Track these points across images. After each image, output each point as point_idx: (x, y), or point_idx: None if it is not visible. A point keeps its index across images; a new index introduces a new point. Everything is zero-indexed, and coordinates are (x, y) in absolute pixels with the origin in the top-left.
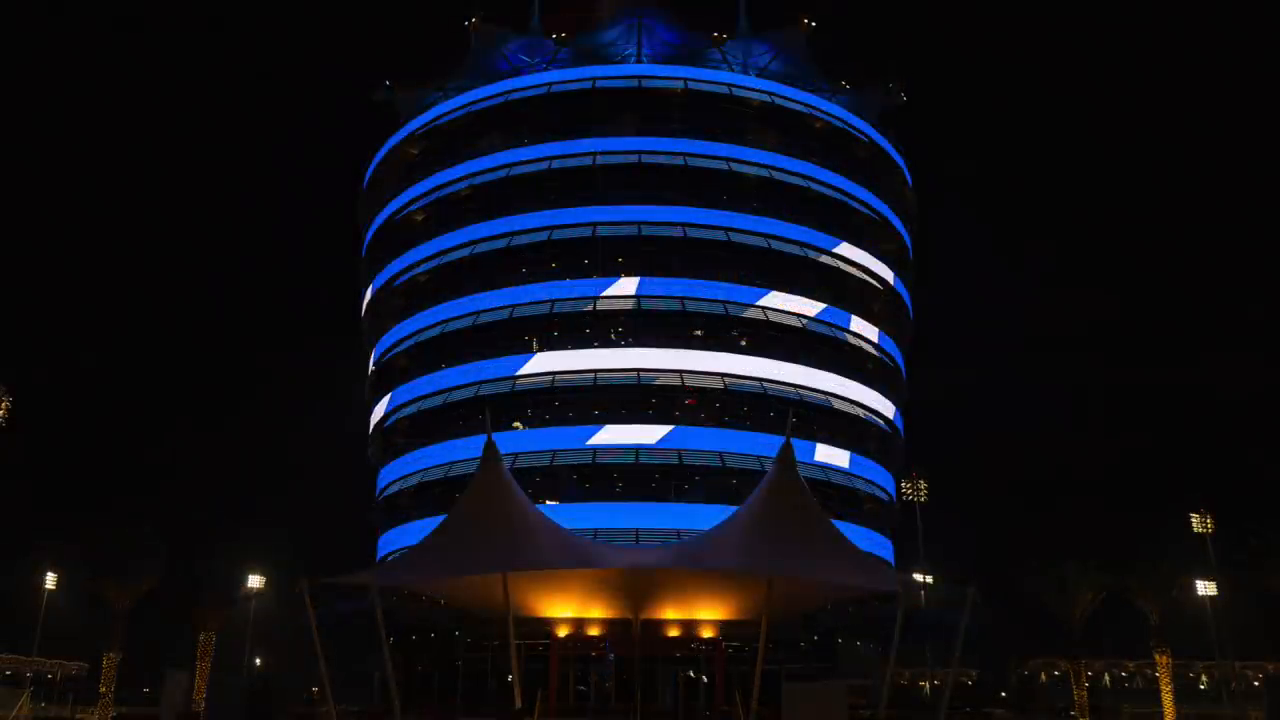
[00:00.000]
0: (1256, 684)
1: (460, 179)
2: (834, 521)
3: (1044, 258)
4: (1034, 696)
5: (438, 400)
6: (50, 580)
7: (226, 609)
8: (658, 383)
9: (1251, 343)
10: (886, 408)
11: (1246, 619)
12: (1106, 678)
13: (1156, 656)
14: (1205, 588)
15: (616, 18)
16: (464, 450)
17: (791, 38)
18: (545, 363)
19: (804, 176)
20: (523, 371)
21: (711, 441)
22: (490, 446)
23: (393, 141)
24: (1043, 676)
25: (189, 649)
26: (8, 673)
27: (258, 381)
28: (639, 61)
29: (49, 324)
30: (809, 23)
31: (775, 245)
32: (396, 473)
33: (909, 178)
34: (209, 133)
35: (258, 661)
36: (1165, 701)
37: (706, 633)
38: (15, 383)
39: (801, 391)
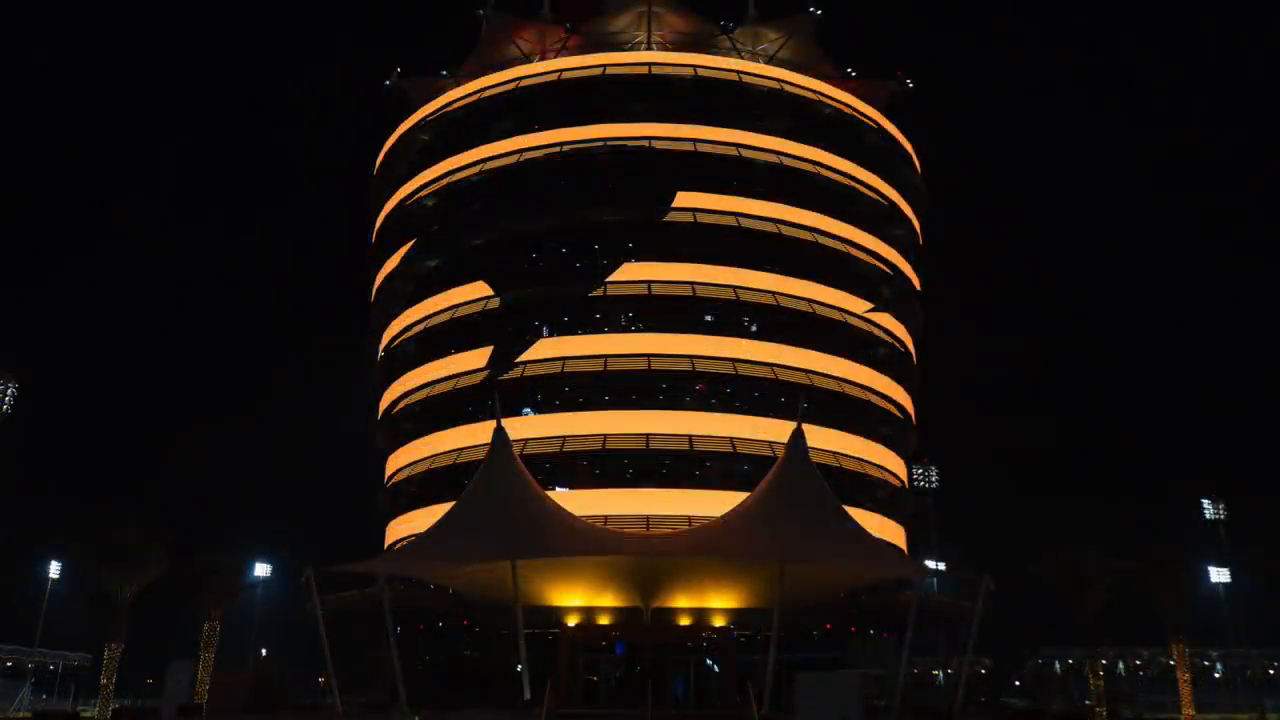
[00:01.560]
0: (1271, 673)
1: (470, 165)
2: (845, 508)
3: (1057, 241)
4: (1048, 685)
5: (447, 387)
6: (53, 571)
7: (231, 599)
8: (668, 369)
9: (1264, 329)
10: (898, 394)
11: (1261, 607)
12: (1121, 666)
13: (1173, 646)
14: (1219, 574)
15: (626, 5)
16: (473, 437)
17: (800, 25)
18: (555, 349)
19: (813, 163)
20: (532, 358)
21: (722, 427)
22: (500, 433)
23: (403, 128)
24: (1056, 666)
25: (193, 640)
26: (9, 664)
27: (265, 371)
28: (649, 48)
29: (56, 315)
30: (816, 10)
31: (785, 231)
32: (405, 460)
33: (918, 164)
34: (217, 125)
35: (263, 652)
36: (1183, 691)
37: (718, 621)
38: (22, 372)
39: (812, 377)
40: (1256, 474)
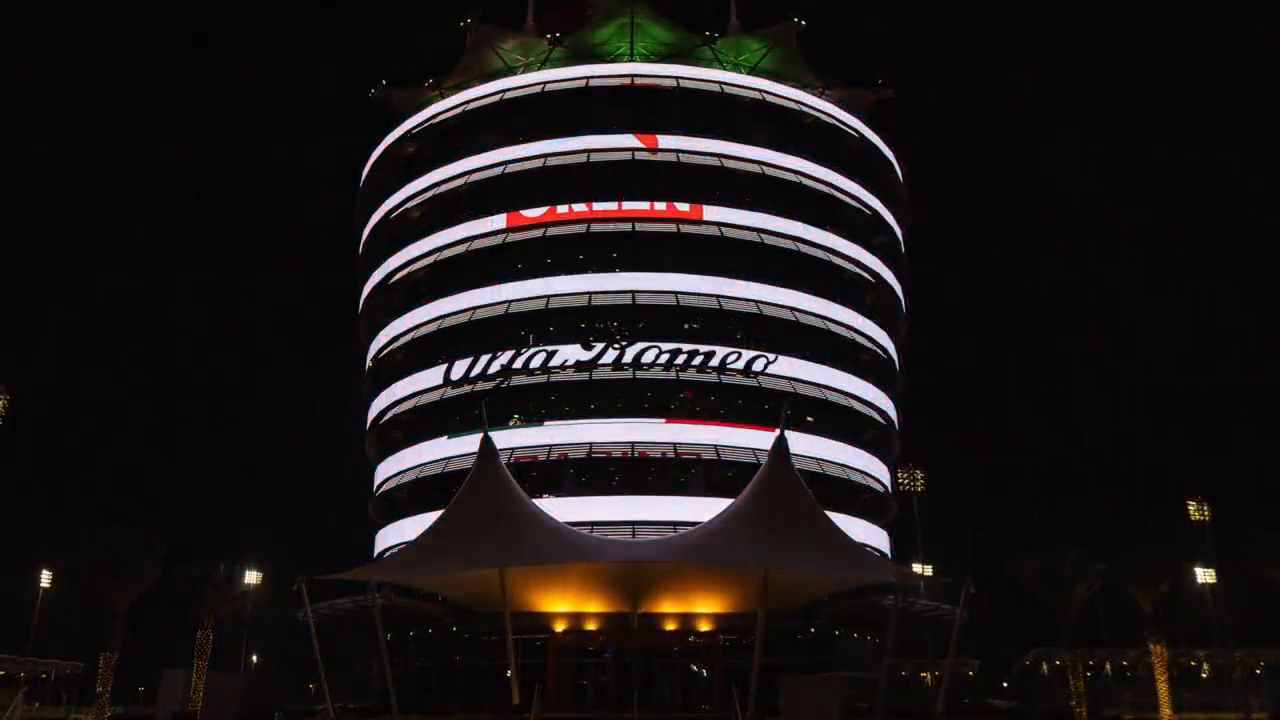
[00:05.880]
0: (1258, 672)
1: (456, 176)
2: (830, 514)
3: (1041, 246)
4: (1034, 687)
5: (435, 396)
6: (45, 579)
7: (224, 607)
8: (653, 377)
9: (1250, 328)
10: (882, 400)
11: (1246, 606)
12: (1108, 667)
13: (1152, 646)
14: (1204, 575)
15: (609, 16)
16: (461, 445)
17: (782, 35)
18: (542, 358)
19: (796, 172)
20: (519, 367)
21: (707, 435)
22: (487, 442)
23: (389, 140)
24: (1043, 667)
25: (186, 648)
26: (1, 673)
27: (255, 378)
28: (632, 60)
29: (47, 322)
30: (799, 20)
31: (768, 240)
32: (394, 469)
33: (900, 172)
34: (208, 133)
35: (255, 659)
36: (1161, 691)
37: (704, 626)
38: (13, 381)
39: (796, 384)
40: (1241, 475)
